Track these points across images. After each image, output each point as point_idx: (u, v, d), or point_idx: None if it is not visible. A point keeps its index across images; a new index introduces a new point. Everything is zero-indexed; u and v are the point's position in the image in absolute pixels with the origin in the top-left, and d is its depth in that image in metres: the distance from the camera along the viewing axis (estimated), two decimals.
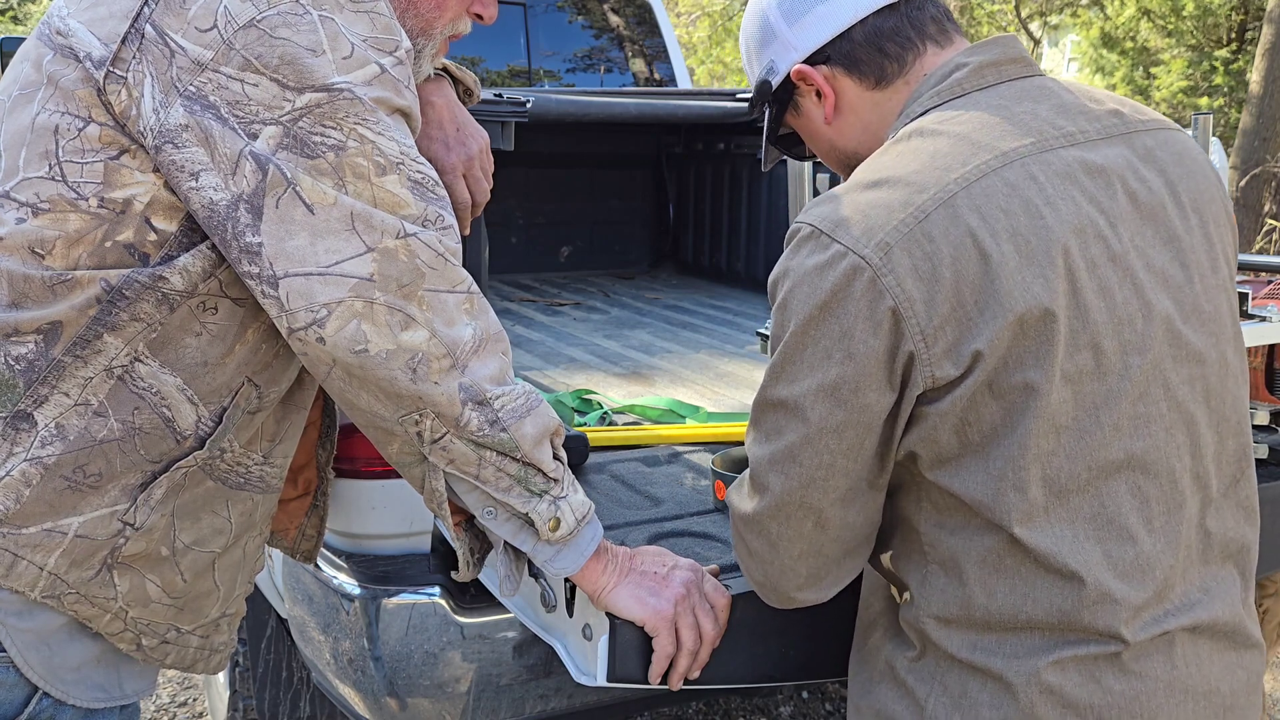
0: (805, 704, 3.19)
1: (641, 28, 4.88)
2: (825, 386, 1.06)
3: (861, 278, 1.04)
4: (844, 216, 1.07)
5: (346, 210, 1.09)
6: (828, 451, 1.09)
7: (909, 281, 1.03)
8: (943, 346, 1.04)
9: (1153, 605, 1.09)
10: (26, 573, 1.12)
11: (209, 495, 1.24)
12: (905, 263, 1.03)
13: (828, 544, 1.16)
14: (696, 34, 20.51)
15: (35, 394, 1.11)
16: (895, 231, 1.04)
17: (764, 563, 1.19)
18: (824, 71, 1.23)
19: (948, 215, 1.04)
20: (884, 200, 1.06)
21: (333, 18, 1.10)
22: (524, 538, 1.22)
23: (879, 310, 1.03)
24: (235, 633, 1.39)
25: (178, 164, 1.08)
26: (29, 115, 1.13)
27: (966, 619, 1.10)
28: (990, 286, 1.03)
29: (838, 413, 1.07)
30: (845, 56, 1.21)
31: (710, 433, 2.09)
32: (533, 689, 1.86)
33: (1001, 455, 1.05)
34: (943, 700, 1.12)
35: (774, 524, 1.15)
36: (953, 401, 1.05)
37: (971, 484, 1.07)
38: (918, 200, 1.05)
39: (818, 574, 1.18)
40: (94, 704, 1.20)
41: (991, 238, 1.03)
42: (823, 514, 1.13)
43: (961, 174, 1.06)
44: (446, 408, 1.13)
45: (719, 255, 4.26)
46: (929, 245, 1.03)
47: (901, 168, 1.09)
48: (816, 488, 1.11)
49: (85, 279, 1.11)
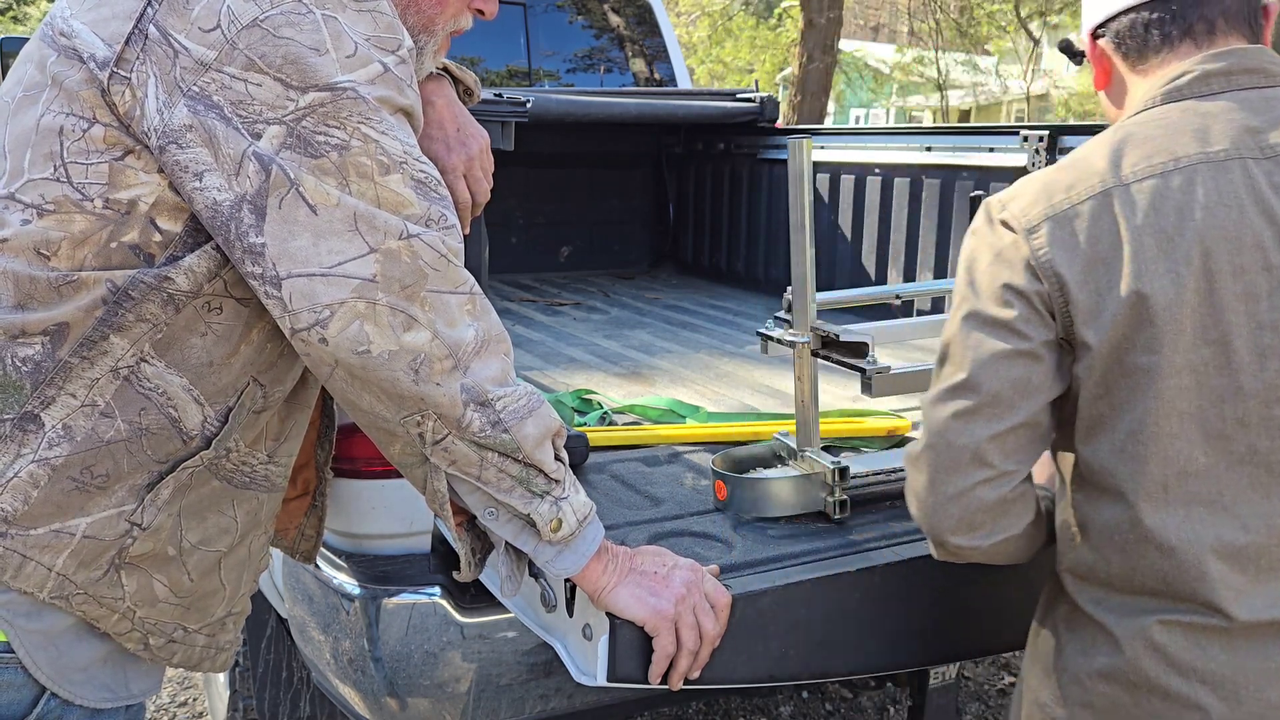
0: (805, 704, 3.19)
1: (641, 28, 4.87)
2: (985, 325, 1.23)
3: (1008, 237, 1.22)
4: (1018, 193, 1.25)
5: (349, 211, 1.09)
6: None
7: (1055, 250, 1.18)
8: (1076, 316, 1.18)
9: (1261, 592, 1.16)
10: (35, 574, 1.12)
11: (215, 495, 1.24)
12: (1054, 235, 1.19)
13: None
14: (696, 34, 20.51)
15: (42, 395, 1.11)
16: (1051, 209, 1.20)
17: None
18: (1101, 44, 1.36)
19: (1101, 204, 1.18)
20: (1056, 183, 1.22)
21: (335, 17, 1.11)
22: (525, 538, 1.22)
23: (1025, 272, 1.20)
24: (240, 631, 1.39)
25: (181, 164, 1.08)
26: (33, 117, 1.13)
27: (1093, 577, 1.24)
28: (1120, 271, 1.15)
29: (995, 347, 1.22)
30: (1115, 34, 1.33)
31: (710, 433, 2.09)
32: (533, 689, 1.86)
33: (1125, 429, 1.18)
34: (1075, 646, 1.26)
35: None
36: (1088, 368, 1.19)
37: (1101, 453, 1.20)
38: (1080, 187, 1.20)
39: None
40: (101, 704, 1.20)
41: (1134, 230, 1.16)
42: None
43: (1130, 171, 1.19)
44: (448, 409, 1.13)
45: (719, 255, 4.26)
46: (1078, 224, 1.18)
47: (1086, 160, 1.23)
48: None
49: (91, 280, 1.11)
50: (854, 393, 2.28)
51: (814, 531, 1.62)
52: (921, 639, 1.55)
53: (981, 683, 3.38)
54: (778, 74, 21.40)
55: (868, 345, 1.65)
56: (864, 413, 2.19)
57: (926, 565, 1.52)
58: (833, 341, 1.66)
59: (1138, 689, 1.19)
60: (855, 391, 1.76)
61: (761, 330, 1.85)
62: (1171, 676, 1.17)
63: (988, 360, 1.21)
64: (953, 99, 23.90)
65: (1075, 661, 1.26)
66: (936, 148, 3.18)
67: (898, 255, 3.35)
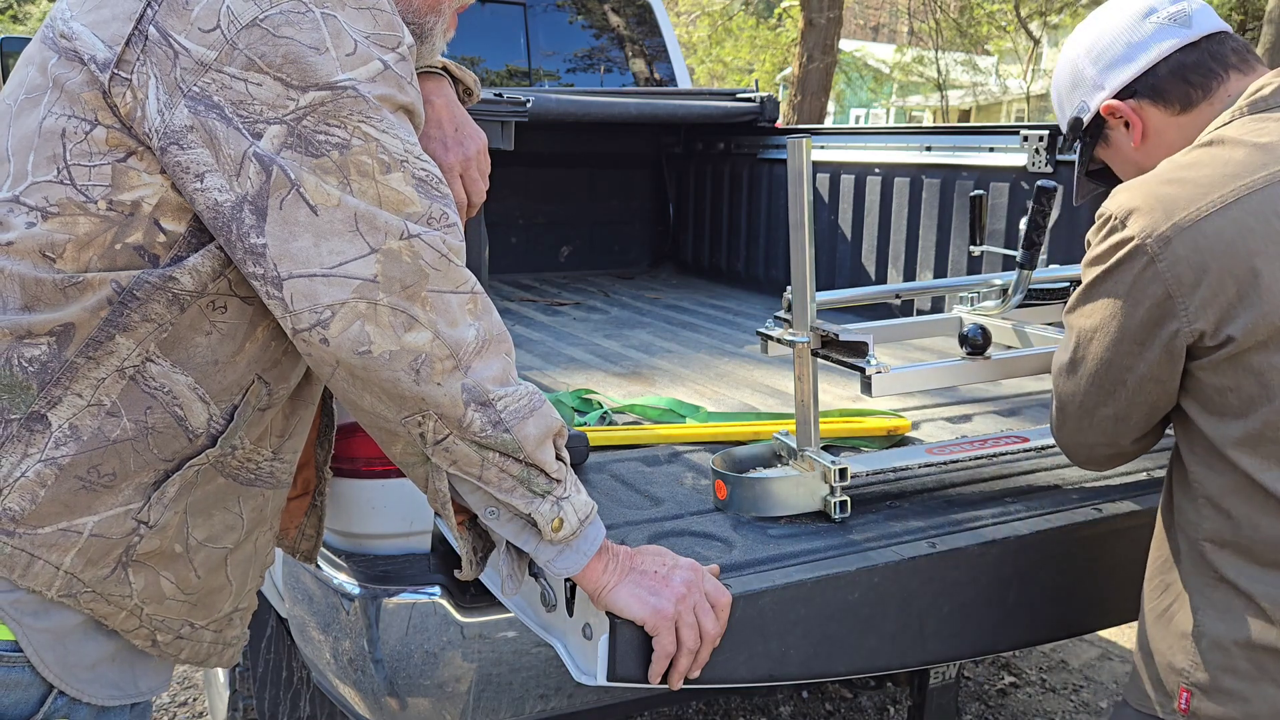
0: (805, 704, 3.19)
1: (641, 28, 4.87)
2: (1100, 329, 1.32)
3: (1140, 261, 1.25)
4: (1137, 207, 1.27)
5: (350, 211, 1.09)
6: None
7: (1181, 268, 1.22)
8: (1203, 326, 1.23)
9: None
10: (43, 572, 1.13)
11: (221, 492, 1.24)
12: (1180, 253, 1.22)
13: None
14: (696, 34, 20.51)
15: (49, 395, 1.11)
16: (1176, 226, 1.23)
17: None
18: (1131, 104, 1.42)
19: (1223, 220, 1.21)
20: (1174, 196, 1.25)
21: (335, 15, 1.11)
22: (527, 538, 1.22)
23: (1153, 290, 1.25)
24: (247, 626, 1.40)
25: (183, 165, 1.08)
26: (36, 119, 1.13)
27: (1235, 547, 1.28)
28: (1253, 281, 1.20)
29: (1110, 355, 1.32)
30: (1151, 89, 1.40)
31: (710, 432, 2.09)
32: (533, 689, 1.86)
33: (1259, 418, 1.23)
34: (1214, 614, 1.30)
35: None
36: (1212, 363, 1.24)
37: (1230, 436, 1.25)
38: (1199, 203, 1.23)
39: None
40: (109, 701, 1.20)
41: (1261, 240, 1.20)
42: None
43: (1249, 181, 1.22)
44: (449, 409, 1.13)
45: (719, 255, 4.26)
46: (1203, 241, 1.21)
47: (1196, 171, 1.26)
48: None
49: (96, 281, 1.11)
50: (855, 392, 2.28)
51: (814, 531, 1.62)
52: (921, 639, 1.55)
53: (981, 683, 3.38)
54: (777, 74, 21.40)
55: (867, 345, 1.65)
56: (864, 412, 2.19)
57: (926, 565, 1.53)
58: (832, 341, 1.66)
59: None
60: (856, 391, 1.76)
61: (761, 330, 1.85)
62: None
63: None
64: (952, 99, 23.90)
65: (1216, 628, 1.29)
66: (936, 148, 3.19)
67: (898, 255, 3.35)
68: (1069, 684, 3.38)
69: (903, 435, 2.10)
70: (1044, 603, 1.65)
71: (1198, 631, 1.31)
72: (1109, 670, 3.47)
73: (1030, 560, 1.62)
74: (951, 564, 1.54)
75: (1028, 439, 1.87)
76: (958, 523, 1.65)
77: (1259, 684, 1.26)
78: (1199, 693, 1.31)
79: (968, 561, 1.56)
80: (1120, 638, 3.65)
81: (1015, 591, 1.61)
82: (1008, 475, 1.88)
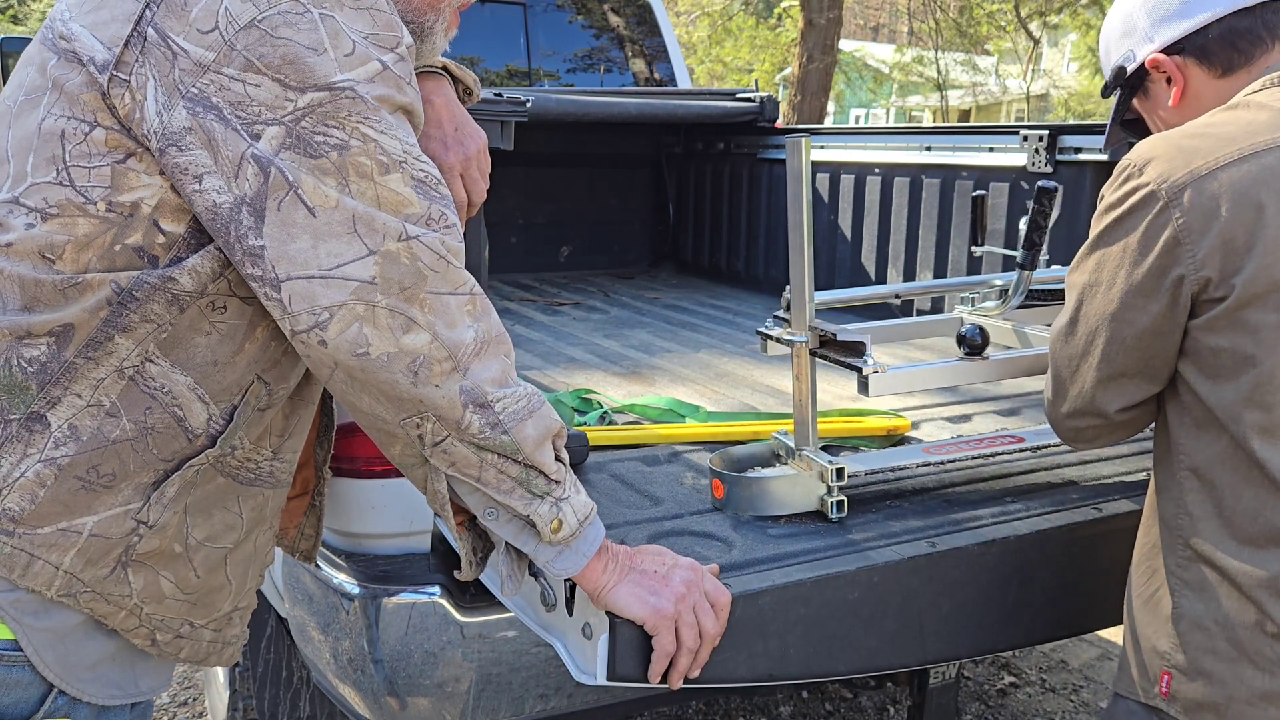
0: (805, 704, 3.19)
1: (641, 28, 4.88)
2: (1105, 281, 1.33)
3: (1154, 207, 1.27)
4: (1157, 157, 1.30)
5: (348, 213, 1.09)
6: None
7: (1193, 215, 1.24)
8: (1209, 273, 1.24)
9: None
10: (43, 572, 1.13)
11: (221, 492, 1.24)
12: (1194, 200, 1.24)
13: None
14: (696, 34, 20.50)
15: (48, 395, 1.11)
16: (1191, 173, 1.26)
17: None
18: (1177, 60, 1.43)
19: (1239, 170, 1.24)
20: (1194, 148, 1.28)
21: (333, 15, 1.10)
22: (526, 539, 1.22)
23: (1164, 236, 1.27)
24: (247, 625, 1.40)
25: (181, 167, 1.08)
26: (35, 120, 1.13)
27: (1218, 517, 1.29)
28: (1260, 233, 1.22)
29: (1115, 308, 1.33)
30: (1199, 49, 1.41)
31: (710, 432, 2.09)
32: (533, 689, 1.87)
33: (1251, 379, 1.24)
34: (1192, 594, 1.31)
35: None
36: (1212, 320, 1.25)
37: (1225, 400, 1.27)
38: (1218, 154, 1.26)
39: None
40: (109, 701, 1.20)
41: (1272, 194, 1.22)
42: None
43: (1269, 139, 1.25)
44: (447, 411, 1.13)
45: (719, 255, 4.26)
46: (1216, 188, 1.24)
47: (1218, 128, 1.29)
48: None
49: (96, 282, 1.11)
50: (855, 392, 2.28)
51: (814, 531, 1.63)
52: (921, 639, 1.55)
53: (981, 683, 3.38)
54: (777, 74, 21.39)
55: (864, 344, 1.65)
56: (864, 412, 2.19)
57: (926, 565, 1.53)
58: (830, 341, 1.66)
59: (1262, 636, 1.24)
60: (855, 390, 1.76)
61: (760, 329, 1.85)
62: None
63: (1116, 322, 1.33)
64: (952, 99, 23.90)
65: (1195, 608, 1.31)
66: (936, 147, 3.19)
67: (897, 255, 3.36)
68: (1069, 684, 3.38)
69: (902, 435, 2.10)
70: (1044, 603, 1.65)
71: (1177, 614, 1.32)
72: (1109, 670, 3.47)
73: (1030, 560, 1.62)
74: (951, 564, 1.55)
75: (1024, 439, 1.87)
76: (957, 522, 1.65)
77: (1237, 664, 1.26)
78: (1179, 674, 1.32)
79: (967, 561, 1.56)
80: (1120, 638, 3.64)
81: (1015, 591, 1.61)
82: (1007, 475, 1.88)
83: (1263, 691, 1.25)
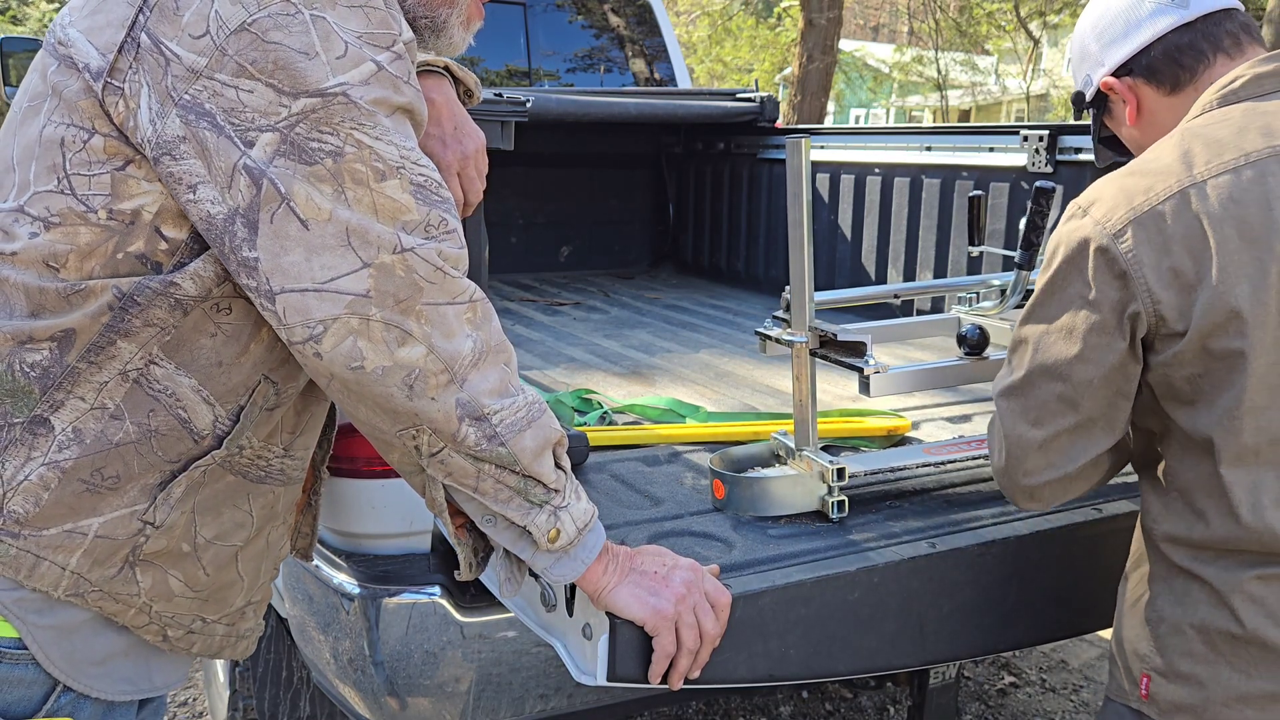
0: (805, 704, 3.19)
1: (641, 28, 4.88)
2: (1064, 326, 1.32)
3: (1096, 247, 1.28)
4: (1100, 199, 1.32)
5: (342, 225, 1.07)
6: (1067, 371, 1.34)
7: (1141, 249, 1.25)
8: (1164, 309, 1.25)
9: None
10: (49, 573, 1.13)
11: (230, 490, 1.24)
12: (1136, 236, 1.26)
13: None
14: (696, 34, 20.50)
15: (51, 399, 1.11)
16: (1133, 212, 1.27)
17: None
18: (1128, 81, 1.45)
19: (1181, 202, 1.25)
20: (1134, 186, 1.29)
21: (324, 16, 1.08)
22: (523, 546, 1.21)
23: (1115, 272, 1.27)
24: (262, 617, 1.39)
25: (176, 176, 1.07)
26: (36, 128, 1.12)
27: (1188, 539, 1.31)
28: (1207, 264, 1.23)
29: (1076, 350, 1.31)
30: (1145, 68, 1.43)
31: (710, 432, 2.09)
32: (533, 689, 1.87)
33: (1222, 405, 1.25)
34: (1171, 599, 1.33)
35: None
36: (1177, 355, 1.26)
37: (1200, 424, 1.28)
38: (1158, 188, 1.27)
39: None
40: (119, 696, 1.20)
41: (1216, 223, 1.23)
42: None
43: (1204, 169, 1.26)
44: (443, 424, 1.12)
45: (719, 255, 4.26)
46: (1161, 224, 1.25)
47: (1157, 161, 1.30)
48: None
49: (98, 288, 1.10)
50: (855, 392, 2.28)
51: (814, 531, 1.62)
52: (921, 639, 1.55)
53: (981, 683, 3.38)
54: (777, 74, 21.39)
55: (865, 345, 1.65)
56: (864, 412, 2.19)
57: (926, 565, 1.53)
58: (830, 341, 1.66)
59: (1237, 640, 1.26)
60: (856, 391, 1.76)
61: (760, 330, 1.85)
62: (1270, 628, 1.24)
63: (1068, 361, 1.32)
64: (952, 99, 23.89)
65: (1173, 613, 1.33)
66: (936, 148, 3.19)
67: (897, 255, 3.36)
68: (1069, 684, 3.38)
69: (902, 435, 2.10)
70: (1044, 603, 1.65)
71: (1157, 617, 1.34)
72: (1108, 670, 3.47)
73: (1030, 560, 1.62)
74: (951, 564, 1.55)
75: None
76: (957, 523, 1.65)
77: (1215, 666, 1.28)
78: (1158, 677, 1.33)
79: (968, 561, 1.56)
80: None
81: (1015, 591, 1.61)
82: None
83: (1239, 693, 1.26)
